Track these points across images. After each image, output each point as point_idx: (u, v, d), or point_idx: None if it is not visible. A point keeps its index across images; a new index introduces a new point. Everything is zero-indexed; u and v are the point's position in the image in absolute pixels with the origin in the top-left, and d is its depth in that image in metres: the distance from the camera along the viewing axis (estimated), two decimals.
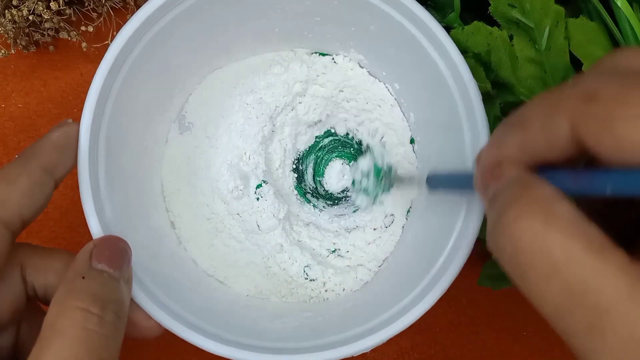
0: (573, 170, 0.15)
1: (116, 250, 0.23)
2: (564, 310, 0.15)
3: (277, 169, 0.35)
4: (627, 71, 0.15)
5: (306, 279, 0.32)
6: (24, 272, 0.24)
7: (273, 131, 0.34)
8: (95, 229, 0.25)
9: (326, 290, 0.32)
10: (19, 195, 0.23)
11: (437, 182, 0.27)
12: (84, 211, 0.25)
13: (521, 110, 0.17)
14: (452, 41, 0.27)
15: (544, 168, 0.16)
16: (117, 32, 0.36)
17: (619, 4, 0.28)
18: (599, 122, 0.14)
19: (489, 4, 0.30)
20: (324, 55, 0.34)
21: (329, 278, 0.32)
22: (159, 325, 0.25)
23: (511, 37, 0.30)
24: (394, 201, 0.33)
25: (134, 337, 0.25)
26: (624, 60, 0.15)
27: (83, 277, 0.22)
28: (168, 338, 0.26)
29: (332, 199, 0.35)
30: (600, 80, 0.14)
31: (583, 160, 0.16)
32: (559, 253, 0.14)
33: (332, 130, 0.35)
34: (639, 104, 0.13)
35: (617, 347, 0.14)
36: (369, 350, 0.25)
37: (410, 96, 0.33)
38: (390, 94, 0.34)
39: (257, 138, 0.33)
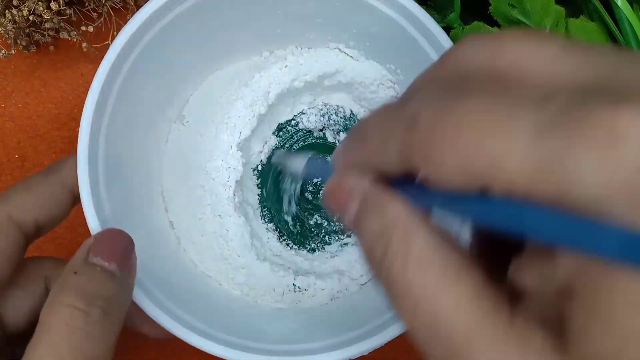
0: (413, 184, 0.15)
1: (115, 243, 0.23)
2: (428, 345, 0.14)
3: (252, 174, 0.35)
4: (454, 78, 0.15)
5: (297, 292, 0.32)
6: (48, 286, 0.25)
7: (259, 123, 0.34)
8: (95, 230, 0.25)
9: (319, 296, 0.32)
10: (36, 202, 0.24)
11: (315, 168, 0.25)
12: (84, 211, 0.25)
13: (362, 123, 0.17)
14: (452, 44, 0.27)
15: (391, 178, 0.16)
16: (117, 32, 0.36)
17: (619, 4, 0.28)
18: (419, 149, 0.14)
19: (489, 4, 0.30)
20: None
21: (322, 288, 0.32)
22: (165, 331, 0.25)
23: None
24: None
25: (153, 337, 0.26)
26: (458, 57, 0.15)
27: (75, 272, 0.22)
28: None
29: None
30: (422, 101, 0.14)
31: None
32: (418, 285, 0.14)
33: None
34: (450, 128, 0.13)
35: None
36: (368, 352, 0.25)
37: None
38: (395, 97, 0.34)
39: (246, 132, 0.33)
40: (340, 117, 0.35)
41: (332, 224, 0.35)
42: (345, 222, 0.17)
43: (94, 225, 0.25)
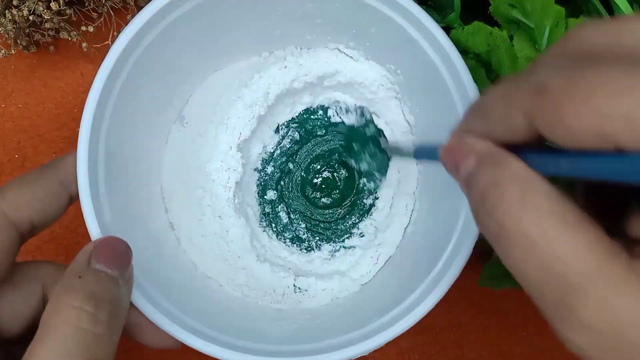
0: (535, 150, 0.16)
1: (115, 251, 0.24)
2: (539, 286, 0.15)
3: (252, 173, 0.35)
4: (579, 54, 0.15)
5: (297, 292, 0.32)
6: (46, 290, 0.25)
7: (259, 123, 0.34)
8: (94, 230, 0.25)
9: (320, 296, 0.32)
10: (32, 200, 0.24)
11: (423, 153, 0.26)
12: (83, 212, 0.25)
13: (483, 98, 0.18)
14: (453, 45, 0.27)
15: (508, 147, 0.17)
16: (117, 32, 0.36)
17: (619, 4, 0.28)
18: (549, 114, 0.14)
19: (489, 4, 0.30)
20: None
21: (322, 289, 0.32)
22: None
23: (511, 37, 0.30)
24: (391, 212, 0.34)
25: (158, 348, 0.26)
26: (580, 39, 0.16)
27: (80, 277, 0.22)
28: None
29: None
30: (550, 71, 0.15)
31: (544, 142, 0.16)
32: (535, 231, 0.15)
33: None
34: (583, 93, 0.14)
35: (585, 325, 0.14)
36: (368, 353, 0.25)
37: (410, 99, 0.32)
38: (395, 97, 0.34)
39: (246, 133, 0.33)
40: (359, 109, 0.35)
41: (332, 224, 0.35)
42: (459, 175, 0.18)
43: (93, 226, 0.25)
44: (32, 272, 0.25)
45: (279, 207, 0.35)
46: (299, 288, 0.32)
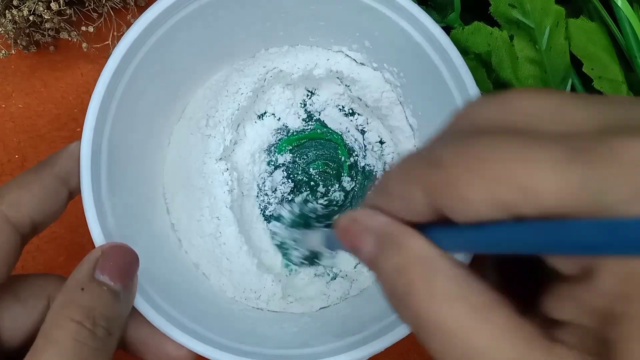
0: (440, 225, 0.15)
1: (122, 262, 0.24)
2: None
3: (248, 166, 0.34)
4: (470, 129, 0.15)
5: (297, 295, 0.32)
6: (51, 303, 0.25)
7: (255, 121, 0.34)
8: (96, 232, 0.25)
9: (319, 300, 0.32)
10: (31, 199, 0.24)
11: (334, 243, 0.25)
12: (86, 214, 0.25)
13: (384, 177, 0.17)
14: (453, 45, 0.27)
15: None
16: (117, 33, 0.36)
17: (619, 4, 0.28)
18: (445, 187, 0.14)
19: (489, 4, 0.30)
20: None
21: (322, 292, 0.32)
22: (189, 352, 0.25)
23: (511, 38, 0.30)
24: None
25: None
26: (471, 115, 0.16)
27: (82, 289, 0.22)
28: None
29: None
30: (444, 146, 0.15)
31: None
32: (449, 321, 0.14)
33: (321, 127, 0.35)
34: (474, 162, 0.13)
35: None
36: (367, 358, 0.25)
37: (413, 101, 0.32)
38: (398, 101, 0.33)
39: (246, 134, 0.33)
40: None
41: (332, 226, 0.35)
42: (361, 259, 0.17)
43: (95, 228, 0.25)
44: (39, 286, 0.25)
45: (278, 209, 0.35)
46: (288, 274, 0.32)
